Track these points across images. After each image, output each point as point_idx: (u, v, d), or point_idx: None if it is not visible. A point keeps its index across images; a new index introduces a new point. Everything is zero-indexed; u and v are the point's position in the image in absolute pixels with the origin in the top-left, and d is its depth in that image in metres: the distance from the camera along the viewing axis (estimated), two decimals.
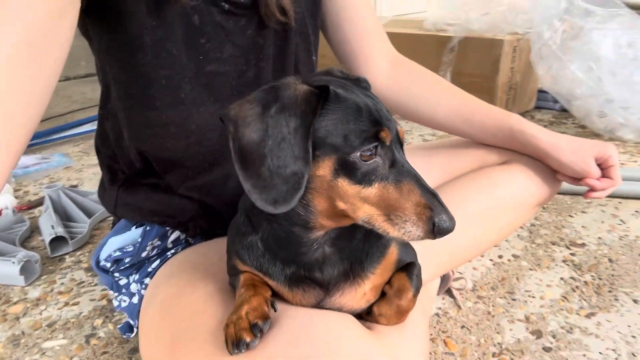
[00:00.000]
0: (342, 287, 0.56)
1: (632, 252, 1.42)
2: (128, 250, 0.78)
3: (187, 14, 0.63)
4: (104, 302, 1.24)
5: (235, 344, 0.47)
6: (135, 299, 0.79)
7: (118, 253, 0.78)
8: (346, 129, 0.46)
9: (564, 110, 2.54)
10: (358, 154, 0.46)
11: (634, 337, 1.08)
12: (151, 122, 0.67)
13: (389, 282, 0.59)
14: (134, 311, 0.79)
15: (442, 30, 2.60)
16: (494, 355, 1.03)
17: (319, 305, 0.57)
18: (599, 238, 1.50)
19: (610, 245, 1.45)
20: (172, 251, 0.79)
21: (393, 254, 0.58)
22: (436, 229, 0.45)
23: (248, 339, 0.47)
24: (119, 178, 0.80)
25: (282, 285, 0.55)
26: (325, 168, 0.47)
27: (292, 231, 0.52)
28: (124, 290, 0.80)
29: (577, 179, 0.88)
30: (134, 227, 0.81)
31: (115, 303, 0.83)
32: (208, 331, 0.56)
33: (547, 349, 1.06)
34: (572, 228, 1.56)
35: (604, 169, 0.86)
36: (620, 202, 1.71)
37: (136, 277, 0.78)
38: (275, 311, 0.53)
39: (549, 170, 0.91)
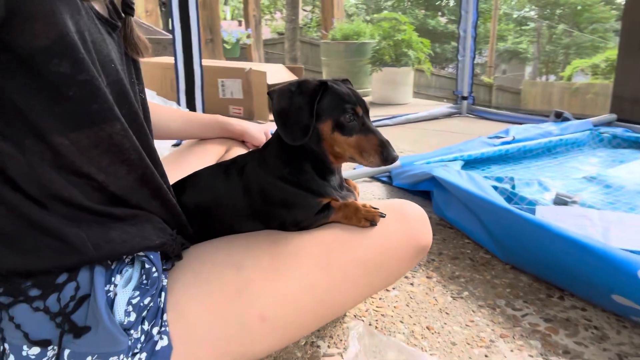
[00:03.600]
0: (352, 192, 0.90)
1: None
2: (135, 294, 0.66)
3: (92, 19, 0.65)
4: None
5: (380, 215, 0.81)
6: (163, 342, 0.66)
7: (136, 299, 0.65)
8: (337, 105, 0.79)
9: None
10: (344, 118, 0.78)
11: None
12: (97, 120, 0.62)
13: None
14: (167, 356, 0.65)
15: None
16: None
17: None
18: None
19: None
20: (164, 279, 0.72)
21: (343, 175, 0.94)
22: (386, 158, 0.77)
23: (383, 212, 0.82)
24: (78, 215, 0.65)
25: (340, 199, 0.85)
26: (327, 125, 0.79)
27: (332, 169, 0.85)
28: (132, 351, 0.64)
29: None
30: (113, 271, 0.67)
31: None
32: (359, 244, 0.80)
33: None
34: None
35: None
36: None
37: (145, 324, 0.66)
38: None
39: None
